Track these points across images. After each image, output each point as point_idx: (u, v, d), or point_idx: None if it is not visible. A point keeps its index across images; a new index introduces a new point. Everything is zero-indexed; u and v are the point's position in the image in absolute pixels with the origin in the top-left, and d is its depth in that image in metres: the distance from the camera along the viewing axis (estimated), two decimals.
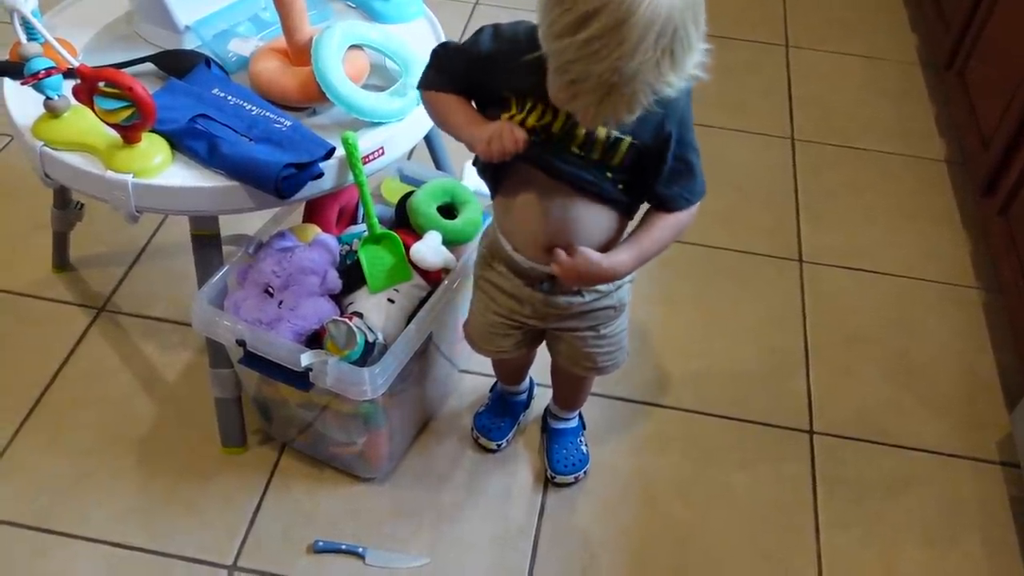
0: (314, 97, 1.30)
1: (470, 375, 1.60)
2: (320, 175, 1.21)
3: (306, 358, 1.15)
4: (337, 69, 1.27)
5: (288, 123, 1.25)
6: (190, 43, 1.41)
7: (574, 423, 1.48)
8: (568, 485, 1.45)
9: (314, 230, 1.38)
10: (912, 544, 1.42)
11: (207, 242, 1.30)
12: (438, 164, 1.61)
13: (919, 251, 1.92)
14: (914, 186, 2.08)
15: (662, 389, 1.61)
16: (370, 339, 1.19)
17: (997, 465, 1.54)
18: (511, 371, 1.47)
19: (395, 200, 1.50)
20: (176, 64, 1.34)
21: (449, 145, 1.61)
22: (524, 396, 1.52)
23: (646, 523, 1.42)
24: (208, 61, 1.34)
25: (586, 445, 1.47)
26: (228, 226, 1.36)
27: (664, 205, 1.08)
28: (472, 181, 1.49)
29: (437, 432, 1.51)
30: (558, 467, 1.44)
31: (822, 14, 2.61)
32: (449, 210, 1.43)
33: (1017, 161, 1.68)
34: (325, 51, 1.27)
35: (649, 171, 1.04)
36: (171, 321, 1.64)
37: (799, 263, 1.87)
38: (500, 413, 1.49)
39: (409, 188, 1.51)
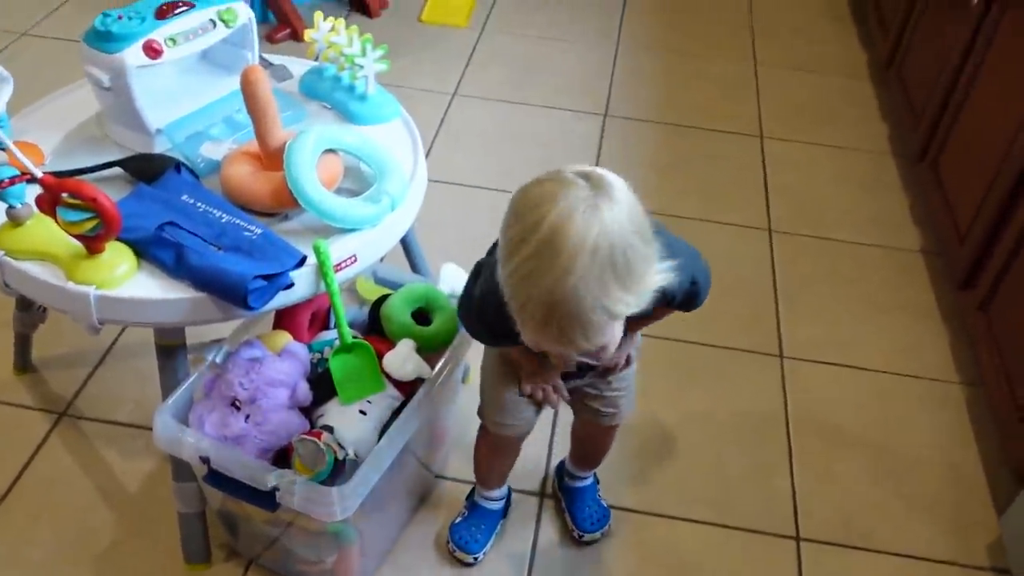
0: (286, 203, 1.27)
1: (447, 480, 1.55)
2: (290, 285, 1.18)
3: (273, 478, 1.10)
4: (310, 175, 1.25)
5: (258, 231, 1.22)
6: (161, 146, 1.38)
7: (591, 479, 1.49)
8: (595, 542, 1.46)
9: (285, 338, 1.34)
10: None
11: (172, 353, 1.26)
12: (414, 267, 1.58)
13: (899, 345, 1.90)
14: (892, 278, 2.08)
15: (640, 494, 1.56)
16: (340, 456, 1.15)
17: (988, 571, 1.50)
18: (502, 464, 1.42)
19: (371, 296, 1.47)
20: (145, 168, 1.31)
21: (425, 247, 1.60)
22: (502, 504, 1.47)
23: None
24: (178, 165, 1.31)
25: (605, 500, 1.49)
26: (195, 331, 1.32)
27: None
28: (448, 285, 1.47)
29: (412, 543, 1.45)
30: (585, 525, 1.46)
31: (794, 106, 2.65)
32: (424, 315, 1.40)
33: (995, 256, 1.68)
34: (298, 156, 1.25)
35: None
36: (135, 426, 1.59)
37: (779, 358, 1.85)
38: (477, 523, 1.43)
39: (383, 291, 1.48)
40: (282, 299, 1.19)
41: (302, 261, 1.20)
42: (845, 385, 1.81)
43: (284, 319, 1.40)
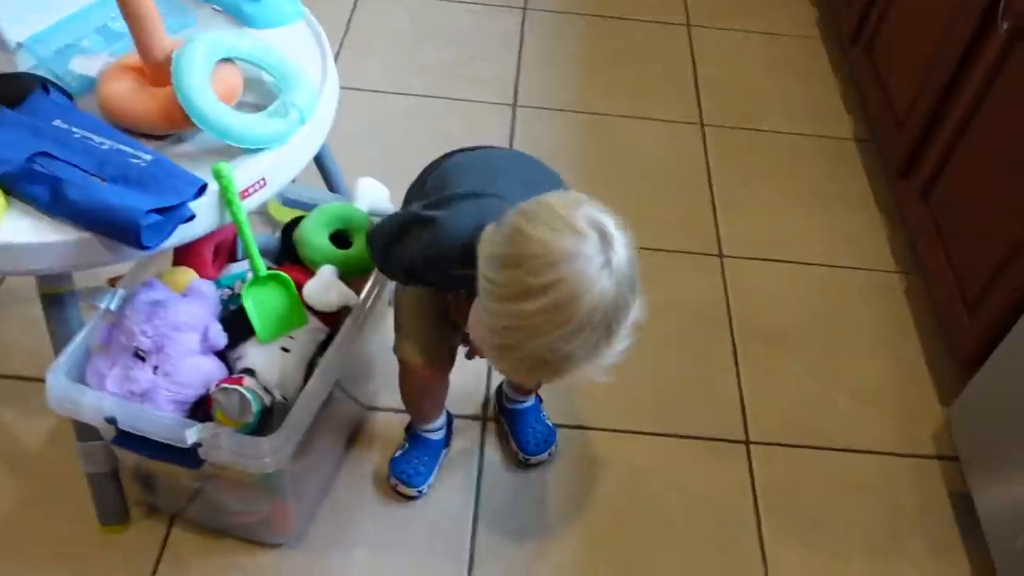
0: (178, 123, 1.11)
1: (380, 412, 1.46)
2: (191, 218, 1.04)
3: (192, 434, 0.99)
4: (204, 89, 1.09)
5: (148, 157, 1.06)
6: (24, 63, 1.19)
7: (532, 400, 1.43)
8: (543, 464, 1.40)
9: (188, 275, 1.20)
10: (857, 555, 1.37)
11: (59, 302, 1.11)
12: (330, 186, 1.44)
13: (836, 237, 1.87)
14: (826, 168, 2.02)
15: (586, 409, 1.50)
16: (267, 402, 1.04)
17: (934, 460, 1.50)
18: (432, 401, 1.33)
19: (282, 218, 1.34)
20: (6, 90, 1.13)
21: (342, 162, 1.46)
22: (443, 433, 1.38)
23: (585, 562, 1.31)
24: (46, 85, 1.13)
25: (549, 419, 1.43)
26: (85, 274, 1.17)
27: None
28: (366, 201, 1.34)
29: (349, 483, 1.37)
30: (529, 448, 1.39)
31: None
32: (342, 236, 1.28)
33: (936, 143, 1.63)
34: (188, 68, 1.09)
35: None
36: (31, 379, 1.44)
37: (719, 258, 1.79)
38: (419, 455, 1.35)
39: (295, 213, 1.35)
40: (182, 234, 1.04)
41: (202, 189, 1.05)
42: (785, 281, 1.76)
43: (185, 254, 1.26)
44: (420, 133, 1.96)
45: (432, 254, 0.98)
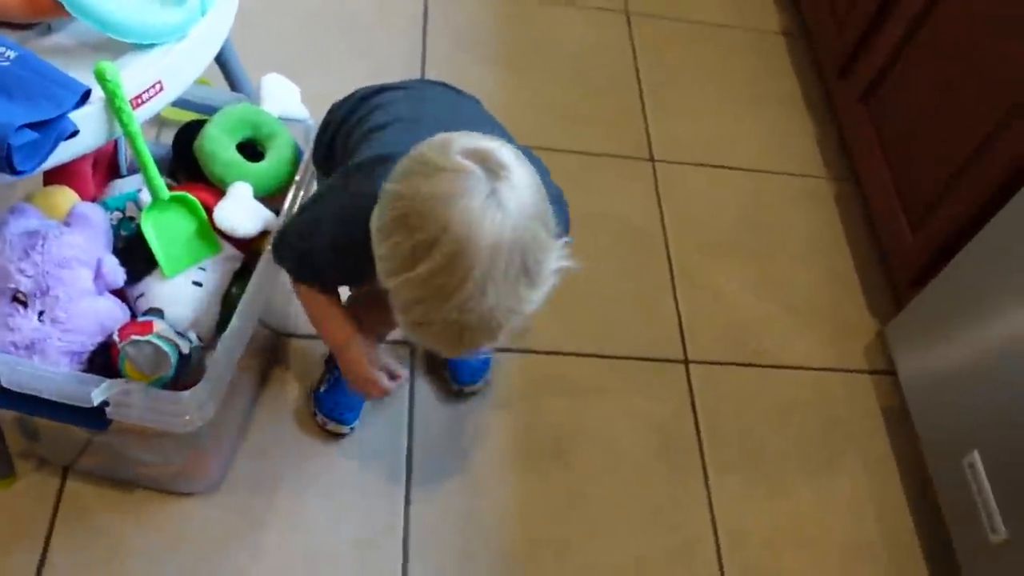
0: (45, 9, 0.91)
1: (295, 339, 1.32)
2: (74, 133, 0.85)
3: (99, 393, 0.84)
4: None
5: (11, 54, 0.86)
6: None
7: None
8: (477, 393, 1.31)
9: (66, 196, 1.02)
10: (797, 474, 1.35)
11: None
12: (232, 83, 1.24)
13: (767, 139, 1.80)
14: (756, 64, 1.93)
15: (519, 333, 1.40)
16: (184, 350, 0.89)
17: (867, 375, 1.49)
18: None
19: (175, 119, 1.16)
20: None
21: (245, 57, 1.25)
22: None
23: (525, 493, 1.25)
24: None
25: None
26: None
27: None
28: (275, 103, 1.16)
29: (268, 418, 1.24)
30: (463, 377, 1.29)
31: None
32: (251, 147, 1.10)
33: (881, 41, 1.55)
34: None
35: None
36: None
37: (651, 163, 1.69)
38: (345, 389, 1.23)
39: (190, 115, 1.16)
40: (61, 154, 0.86)
41: (85, 96, 0.86)
42: (717, 188, 1.69)
43: (59, 171, 1.04)
44: (324, 16, 1.75)
45: (345, 237, 0.88)
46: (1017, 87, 1.21)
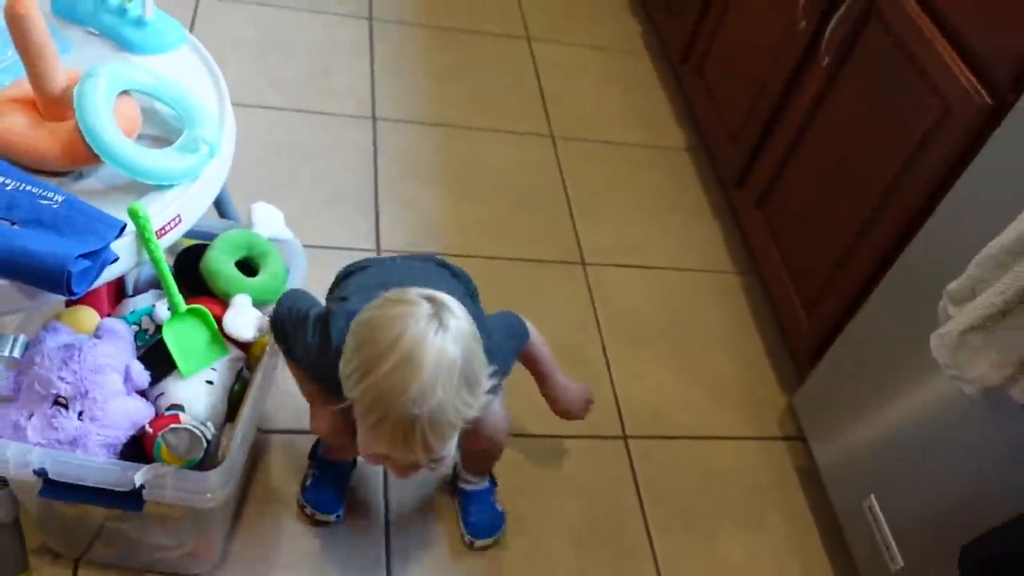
0: (81, 159, 1.09)
1: (274, 435, 1.47)
2: (115, 260, 1.02)
3: (141, 476, 0.98)
4: (111, 124, 1.07)
5: (59, 198, 1.03)
6: None
7: (486, 483, 1.43)
8: (487, 548, 1.41)
9: (89, 314, 1.18)
10: (728, 531, 1.54)
11: None
12: (222, 212, 1.43)
13: (680, 242, 2.05)
14: (665, 178, 2.21)
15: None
16: (208, 437, 1.04)
17: (781, 441, 1.71)
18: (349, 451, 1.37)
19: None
20: None
21: (233, 187, 1.45)
22: (351, 459, 1.42)
23: (493, 563, 1.40)
24: None
25: (500, 503, 1.44)
26: None
27: None
28: (264, 227, 1.35)
29: (256, 504, 1.37)
30: (476, 532, 1.39)
31: (555, 3, 2.67)
32: (247, 265, 1.29)
33: (767, 157, 1.83)
34: (93, 103, 1.06)
35: None
36: None
37: (582, 266, 1.92)
38: (329, 483, 1.37)
39: (188, 242, 1.33)
40: (103, 277, 1.03)
41: (122, 230, 1.04)
42: (641, 285, 1.92)
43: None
44: (286, 148, 1.96)
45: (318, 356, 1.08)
46: (878, 191, 1.48)
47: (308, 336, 1.10)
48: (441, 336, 0.95)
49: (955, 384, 1.18)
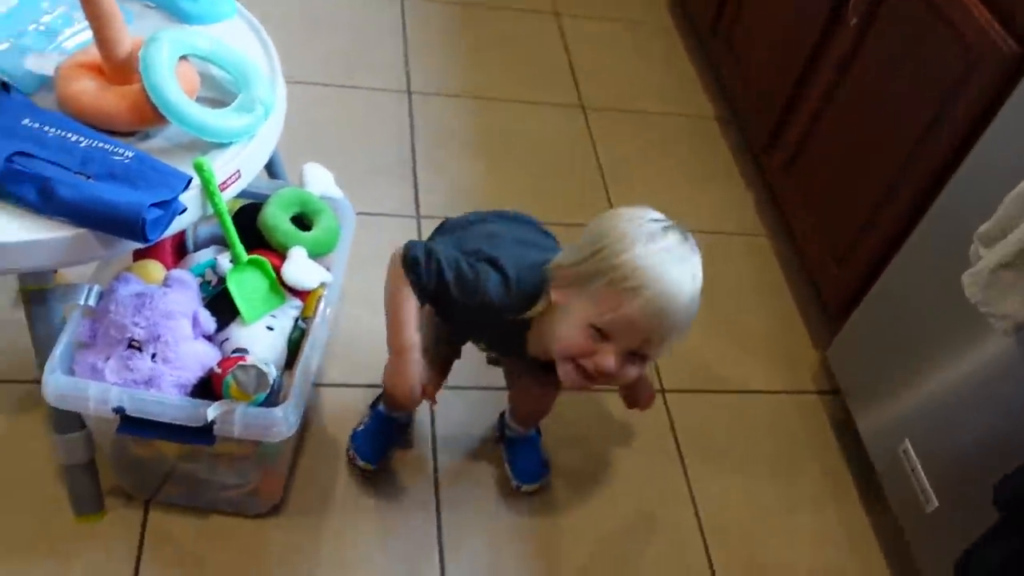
0: (148, 120, 1.15)
1: (324, 388, 1.54)
2: (184, 210, 1.09)
3: (212, 411, 1.05)
4: (175, 86, 1.13)
5: (130, 154, 1.10)
6: None
7: (532, 432, 1.48)
8: (533, 493, 1.46)
9: (156, 267, 1.25)
10: (765, 479, 1.59)
11: (43, 300, 1.12)
12: (272, 172, 1.49)
13: (711, 207, 2.09)
14: (694, 145, 2.25)
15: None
16: (272, 377, 1.10)
17: (815, 395, 1.75)
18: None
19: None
20: None
21: (283, 149, 1.51)
22: (408, 416, 1.48)
23: (541, 513, 1.46)
24: (5, 84, 1.14)
25: (546, 450, 1.50)
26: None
27: None
28: (317, 186, 1.41)
29: (310, 454, 1.44)
30: (523, 477, 1.45)
31: None
32: (300, 221, 1.35)
33: (796, 122, 1.87)
34: (158, 67, 1.12)
35: None
36: None
37: None
38: (379, 435, 1.43)
39: (241, 201, 1.40)
40: (174, 227, 1.09)
41: (189, 183, 1.10)
42: None
43: (147, 248, 1.28)
44: (326, 122, 2.02)
45: (491, 300, 1.11)
46: (907, 145, 1.52)
47: (462, 267, 1.11)
48: (694, 252, 1.10)
49: (986, 324, 1.22)
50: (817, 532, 1.53)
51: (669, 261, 1.03)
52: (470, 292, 1.11)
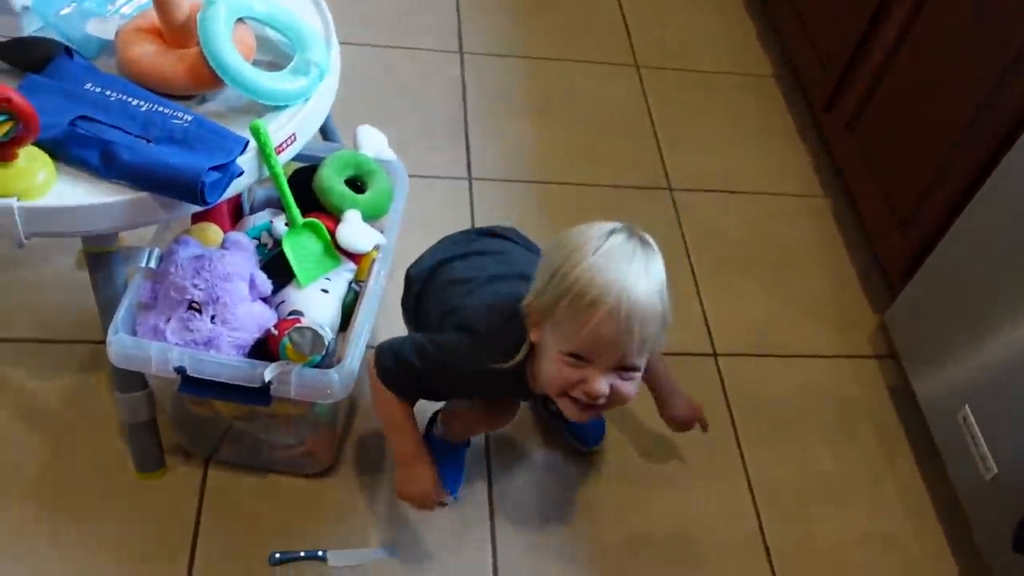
0: (205, 83, 1.16)
1: None
2: (241, 173, 1.10)
3: (269, 372, 1.07)
4: (232, 49, 1.14)
5: (188, 117, 1.11)
6: (30, 26, 1.20)
7: None
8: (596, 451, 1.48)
9: (214, 230, 1.26)
10: (819, 445, 1.57)
11: (106, 262, 1.15)
12: (326, 135, 1.50)
13: (767, 167, 2.05)
14: (751, 103, 2.20)
15: None
16: (328, 339, 1.12)
17: (872, 359, 1.72)
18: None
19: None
20: (29, 56, 1.14)
21: (336, 111, 1.51)
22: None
23: (593, 481, 1.46)
24: (68, 49, 1.15)
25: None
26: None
27: None
28: (370, 147, 1.41)
29: (364, 417, 1.46)
30: (588, 440, 1.47)
31: None
32: (354, 184, 1.35)
33: (859, 78, 1.81)
34: (215, 29, 1.13)
35: None
36: (37, 340, 1.45)
37: (669, 191, 1.94)
38: (449, 466, 1.37)
39: (296, 165, 1.41)
40: (231, 190, 1.11)
41: (246, 146, 1.11)
42: (729, 209, 1.94)
43: (205, 211, 1.31)
44: (379, 83, 2.02)
45: (469, 365, 1.09)
46: (972, 105, 1.47)
47: (427, 351, 1.11)
48: (648, 243, 1.04)
49: None
50: (872, 499, 1.51)
51: (619, 263, 0.98)
52: (446, 372, 1.11)
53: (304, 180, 1.34)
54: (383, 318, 1.54)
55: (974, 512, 1.38)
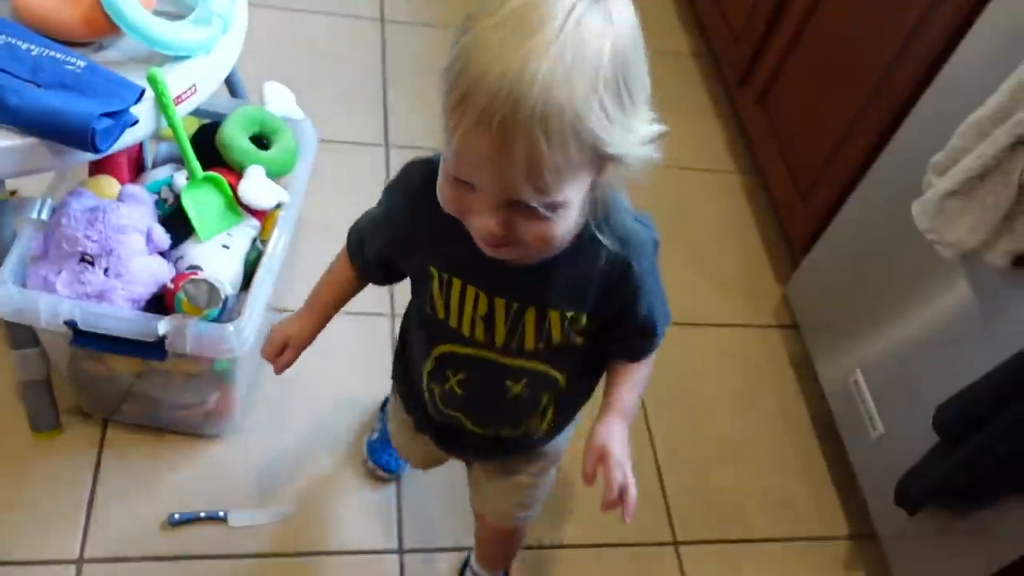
0: (101, 30, 1.13)
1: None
2: (135, 123, 1.08)
3: (163, 325, 1.05)
4: None
5: (81, 64, 1.08)
6: None
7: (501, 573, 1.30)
8: None
9: (111, 183, 1.24)
10: (721, 411, 1.61)
11: None
12: (233, 91, 1.48)
13: (685, 143, 2.09)
14: (670, 82, 2.23)
15: None
16: (225, 293, 1.11)
17: (776, 328, 1.77)
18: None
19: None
20: None
21: (249, 73, 1.49)
22: None
23: None
24: None
25: None
26: None
27: (627, 357, 0.95)
28: (277, 105, 1.40)
29: (270, 382, 1.44)
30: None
31: None
32: (259, 141, 1.33)
33: (770, 52, 1.85)
34: None
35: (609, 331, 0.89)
36: None
37: None
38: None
39: (200, 121, 1.38)
40: (126, 139, 1.08)
41: (141, 95, 1.09)
42: (650, 183, 1.96)
43: (103, 164, 1.28)
44: (297, 47, 1.99)
45: (418, 185, 0.84)
46: (871, 80, 1.52)
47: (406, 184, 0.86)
48: (594, 11, 0.65)
49: (938, 257, 1.23)
50: (771, 460, 1.57)
51: (515, 35, 0.63)
52: (398, 197, 0.88)
53: (210, 137, 1.31)
54: (290, 282, 1.54)
55: (862, 470, 1.44)
